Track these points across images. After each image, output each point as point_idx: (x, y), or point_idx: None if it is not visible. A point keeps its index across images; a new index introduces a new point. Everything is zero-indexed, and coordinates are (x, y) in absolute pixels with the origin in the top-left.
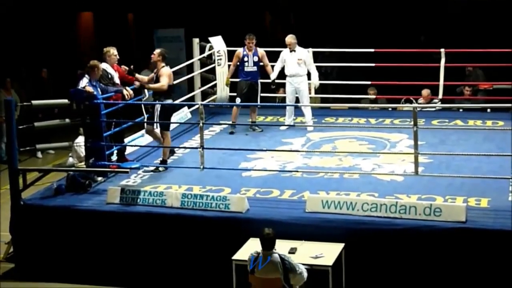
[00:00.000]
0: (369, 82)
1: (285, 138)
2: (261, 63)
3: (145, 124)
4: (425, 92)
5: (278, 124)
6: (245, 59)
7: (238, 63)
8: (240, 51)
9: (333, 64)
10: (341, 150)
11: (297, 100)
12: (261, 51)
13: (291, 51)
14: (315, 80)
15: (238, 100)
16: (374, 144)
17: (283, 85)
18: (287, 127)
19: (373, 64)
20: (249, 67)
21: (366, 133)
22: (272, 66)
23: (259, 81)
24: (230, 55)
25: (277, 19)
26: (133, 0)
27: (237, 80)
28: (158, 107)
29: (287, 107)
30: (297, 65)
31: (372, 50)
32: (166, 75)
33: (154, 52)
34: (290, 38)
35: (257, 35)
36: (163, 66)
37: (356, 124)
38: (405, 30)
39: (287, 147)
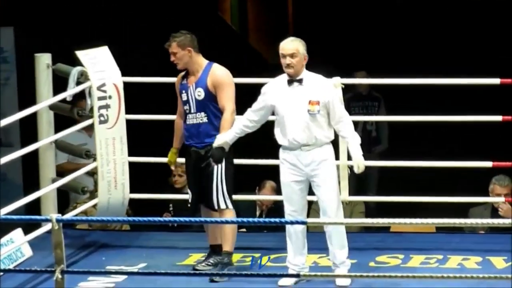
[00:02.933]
0: (489, 164)
1: None
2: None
3: None
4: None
5: (263, 274)
6: (183, 96)
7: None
8: (178, 77)
9: (401, 117)
10: None
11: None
12: (217, 73)
13: (290, 82)
14: (357, 158)
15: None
16: None
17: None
18: (295, 280)
19: (499, 118)
20: (191, 116)
21: None
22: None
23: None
24: (134, 91)
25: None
26: None
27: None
28: None
29: (289, 230)
30: (309, 116)
31: (498, 81)
32: None
33: None
34: (290, 45)
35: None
36: None
37: (457, 270)
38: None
39: None
